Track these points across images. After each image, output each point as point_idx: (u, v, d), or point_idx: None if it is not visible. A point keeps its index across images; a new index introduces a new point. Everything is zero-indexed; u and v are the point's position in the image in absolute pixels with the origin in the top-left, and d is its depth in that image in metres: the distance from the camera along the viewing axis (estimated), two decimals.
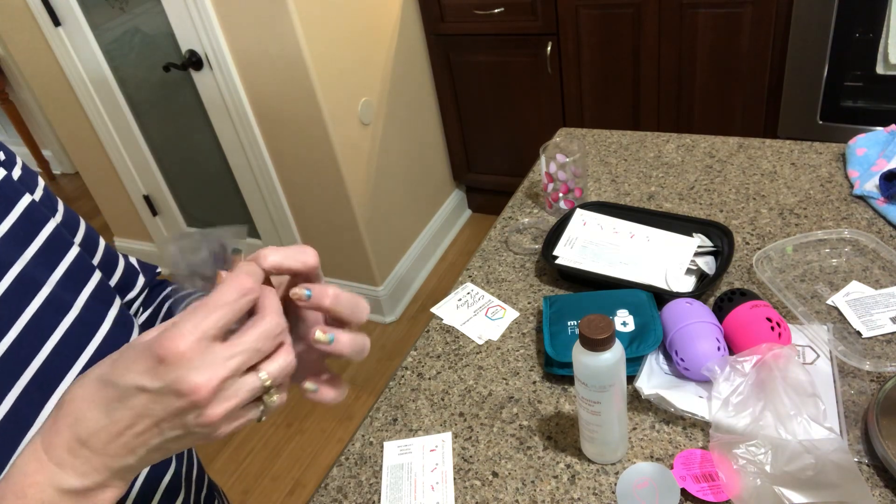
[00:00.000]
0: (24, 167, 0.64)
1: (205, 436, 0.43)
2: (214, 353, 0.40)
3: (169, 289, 0.76)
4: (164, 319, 0.72)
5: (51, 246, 0.60)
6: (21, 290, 0.55)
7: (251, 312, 0.44)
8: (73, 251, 0.62)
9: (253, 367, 0.43)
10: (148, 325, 0.73)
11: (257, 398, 0.44)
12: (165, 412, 0.41)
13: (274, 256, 0.46)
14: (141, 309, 0.75)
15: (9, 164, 0.61)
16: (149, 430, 0.41)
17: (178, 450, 0.44)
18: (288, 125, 2.10)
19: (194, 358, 0.40)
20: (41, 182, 0.66)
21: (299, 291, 0.47)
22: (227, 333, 0.43)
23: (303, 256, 0.47)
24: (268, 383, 0.43)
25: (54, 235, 0.60)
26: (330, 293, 0.47)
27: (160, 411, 0.41)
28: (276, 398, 0.45)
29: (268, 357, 0.44)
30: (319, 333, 0.47)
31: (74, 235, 0.66)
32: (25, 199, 0.59)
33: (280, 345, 0.44)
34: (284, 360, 0.44)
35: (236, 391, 0.42)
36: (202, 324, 0.40)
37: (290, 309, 0.50)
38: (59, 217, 0.65)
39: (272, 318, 0.43)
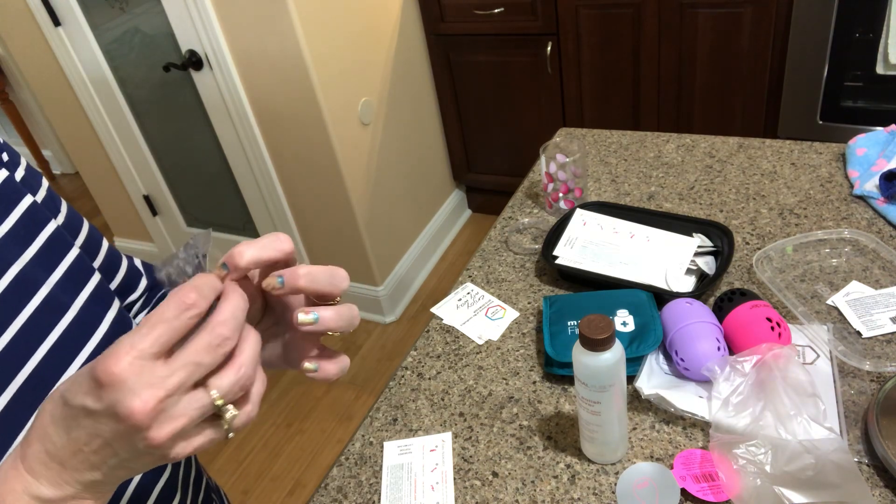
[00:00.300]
0: (28, 168, 0.64)
1: (160, 457, 0.41)
2: (152, 372, 0.38)
3: (164, 290, 0.76)
4: None
5: (51, 247, 0.59)
6: (19, 290, 0.55)
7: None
8: (73, 252, 0.62)
9: (203, 383, 0.40)
10: None
11: (216, 415, 0.41)
12: (112, 434, 0.39)
13: (250, 252, 0.44)
14: (140, 309, 0.75)
15: (12, 164, 0.61)
16: (102, 449, 0.40)
17: (142, 469, 0.43)
18: (288, 125, 2.10)
19: (129, 379, 0.38)
20: (45, 183, 0.65)
21: (271, 281, 0.45)
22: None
23: (278, 244, 0.45)
24: (219, 401, 0.40)
25: (55, 237, 0.60)
26: (302, 273, 0.45)
27: (107, 433, 0.40)
28: (234, 414, 0.42)
29: (218, 370, 0.41)
30: (301, 316, 0.45)
31: (76, 237, 0.66)
32: (27, 201, 0.59)
33: (231, 356, 0.41)
34: (235, 373, 0.41)
35: (182, 411, 0.39)
36: (139, 343, 0.39)
37: (275, 298, 0.49)
38: (61, 218, 0.65)
39: (212, 329, 0.40)
